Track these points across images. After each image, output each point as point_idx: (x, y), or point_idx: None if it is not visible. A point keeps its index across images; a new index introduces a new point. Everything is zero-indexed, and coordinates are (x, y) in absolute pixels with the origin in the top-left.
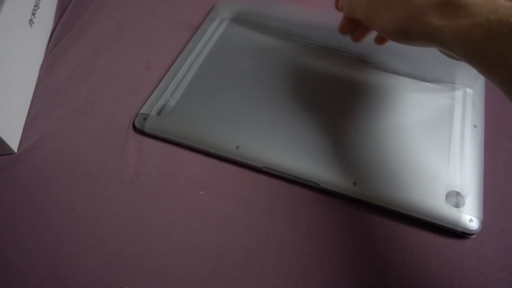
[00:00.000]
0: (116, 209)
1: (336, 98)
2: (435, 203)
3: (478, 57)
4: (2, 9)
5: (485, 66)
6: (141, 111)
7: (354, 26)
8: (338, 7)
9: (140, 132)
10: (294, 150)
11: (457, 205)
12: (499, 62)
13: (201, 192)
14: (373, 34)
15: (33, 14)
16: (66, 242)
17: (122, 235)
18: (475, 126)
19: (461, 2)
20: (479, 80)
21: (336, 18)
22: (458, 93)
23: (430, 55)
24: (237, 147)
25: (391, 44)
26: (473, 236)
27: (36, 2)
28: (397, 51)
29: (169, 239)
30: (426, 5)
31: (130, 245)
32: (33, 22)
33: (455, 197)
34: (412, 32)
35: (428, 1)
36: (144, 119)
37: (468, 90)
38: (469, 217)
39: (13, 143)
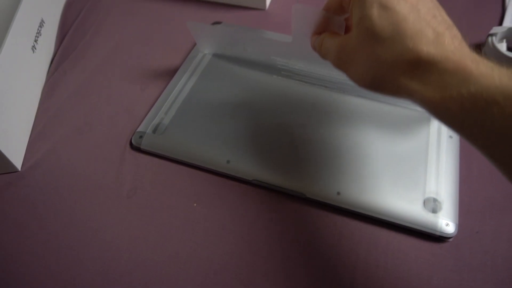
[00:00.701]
0: (113, 222)
1: (318, 115)
2: (413, 209)
3: (453, 126)
4: (7, 37)
5: (461, 134)
6: (137, 130)
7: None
8: (311, 46)
9: (137, 149)
10: (281, 163)
11: (434, 211)
12: (475, 131)
13: (194, 205)
14: None
15: (36, 41)
16: (66, 253)
17: (119, 246)
18: (451, 137)
19: (431, 66)
20: None
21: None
22: None
23: None
24: (228, 162)
25: None
26: (450, 240)
27: (38, 29)
28: None
29: (164, 249)
30: (396, 65)
31: (126, 255)
32: (35, 48)
33: (432, 203)
34: (386, 91)
35: (397, 61)
36: (141, 137)
37: None
38: (445, 221)
39: (17, 162)
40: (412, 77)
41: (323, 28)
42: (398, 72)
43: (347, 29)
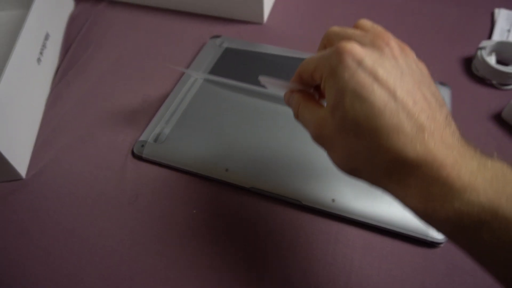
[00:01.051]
0: (114, 228)
1: None
2: (406, 215)
3: (443, 233)
4: (14, 49)
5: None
6: (139, 139)
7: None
8: (285, 102)
9: (138, 157)
10: (277, 172)
11: None
12: (464, 244)
13: (194, 211)
14: None
15: (41, 53)
16: (68, 259)
17: (120, 252)
18: None
19: (410, 170)
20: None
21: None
22: None
23: None
24: (227, 170)
25: None
26: (442, 245)
27: (43, 42)
28: None
29: (164, 255)
30: (374, 163)
31: (127, 261)
32: (40, 60)
33: None
34: (367, 182)
35: (375, 159)
36: (142, 145)
37: None
38: None
39: (22, 169)
40: (391, 178)
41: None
42: (376, 170)
43: (321, 96)
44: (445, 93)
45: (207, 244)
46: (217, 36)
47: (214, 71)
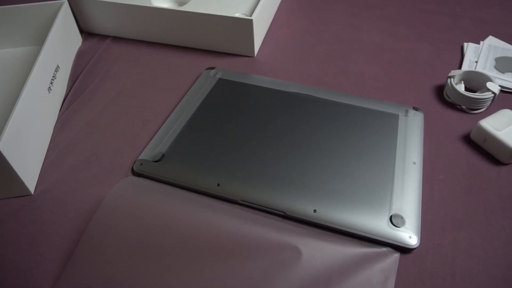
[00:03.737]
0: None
1: (298, 144)
2: (381, 224)
3: None
4: (28, 79)
5: None
6: (139, 158)
7: None
8: None
9: (138, 175)
10: (264, 186)
11: (399, 225)
12: None
13: (189, 223)
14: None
15: (51, 83)
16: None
17: (121, 261)
18: (414, 163)
19: None
20: (418, 125)
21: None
22: (400, 137)
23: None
24: (218, 185)
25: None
26: (414, 251)
27: (54, 73)
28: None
29: (160, 263)
30: None
31: (126, 269)
32: (51, 90)
33: (397, 219)
34: None
35: None
36: (142, 164)
37: (408, 134)
38: (408, 234)
39: (31, 186)
40: None
41: None
42: None
43: None
44: (418, 117)
45: (199, 251)
46: (212, 68)
47: (208, 99)
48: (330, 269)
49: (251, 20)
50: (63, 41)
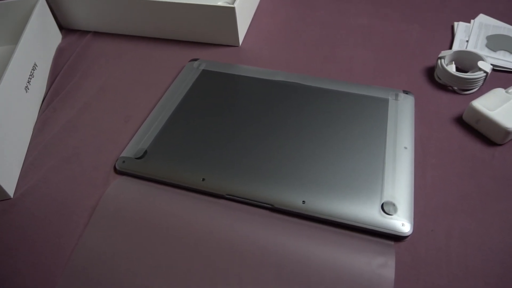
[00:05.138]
0: (98, 240)
1: (285, 134)
2: (372, 212)
3: None
4: (3, 78)
5: None
6: (121, 155)
7: None
8: None
9: (120, 173)
10: (251, 178)
11: (391, 213)
12: None
13: (174, 218)
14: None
15: (29, 81)
16: (55, 272)
17: (104, 262)
18: (405, 148)
19: None
20: (409, 109)
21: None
22: (390, 122)
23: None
24: (203, 180)
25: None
26: (407, 239)
27: (31, 72)
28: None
29: (146, 262)
30: None
31: (110, 270)
32: (28, 89)
33: (389, 207)
34: None
35: None
36: (124, 162)
37: (399, 119)
38: (401, 222)
39: (10, 190)
40: None
41: None
42: None
43: None
44: (409, 101)
45: (185, 247)
46: (195, 59)
47: (191, 92)
48: (322, 266)
49: (233, 8)
50: (41, 38)
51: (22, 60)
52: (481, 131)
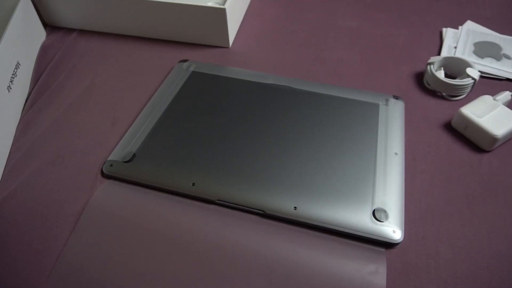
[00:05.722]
0: (85, 246)
1: (276, 138)
2: (364, 219)
3: None
4: None
5: None
6: (108, 159)
7: None
8: None
9: (108, 177)
10: (242, 184)
11: (382, 220)
12: None
13: (163, 224)
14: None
15: (11, 81)
16: (39, 278)
17: (91, 267)
18: (396, 153)
19: None
20: (398, 113)
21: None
22: (381, 128)
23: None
24: (193, 184)
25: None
26: (398, 245)
27: (14, 71)
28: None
29: (133, 267)
30: None
31: (97, 276)
32: (11, 88)
33: (380, 213)
34: None
35: None
36: (111, 165)
37: (389, 124)
38: (392, 229)
39: None
40: None
41: None
42: None
43: None
44: (399, 106)
45: (174, 252)
46: (184, 60)
47: (181, 94)
48: (313, 272)
49: (224, 9)
50: (24, 36)
51: (4, 58)
52: (469, 137)
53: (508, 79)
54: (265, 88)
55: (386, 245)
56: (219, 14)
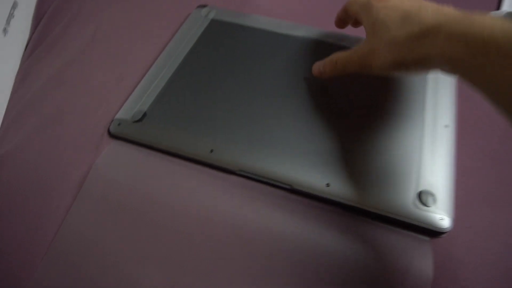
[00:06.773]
0: (86, 219)
1: (309, 101)
2: (407, 202)
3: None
4: None
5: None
6: (116, 117)
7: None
8: (317, 74)
9: (115, 137)
10: (267, 153)
11: (428, 204)
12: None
13: (174, 194)
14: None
15: (8, 22)
16: (36, 252)
17: (90, 245)
18: (447, 126)
19: (439, 30)
20: (449, 81)
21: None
22: (429, 96)
23: None
24: (212, 151)
25: None
26: (444, 234)
27: (10, 11)
28: None
29: (142, 240)
30: (410, 38)
31: (100, 248)
32: (7, 31)
33: (426, 196)
34: (405, 64)
35: (411, 35)
36: (119, 124)
37: (439, 92)
38: (440, 216)
39: None
40: (424, 43)
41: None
42: (412, 44)
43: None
44: None
45: (186, 227)
46: (203, 6)
47: (198, 45)
48: (345, 260)
49: None
50: None
51: None
52: None
53: None
54: (297, 42)
55: (431, 233)
56: None
